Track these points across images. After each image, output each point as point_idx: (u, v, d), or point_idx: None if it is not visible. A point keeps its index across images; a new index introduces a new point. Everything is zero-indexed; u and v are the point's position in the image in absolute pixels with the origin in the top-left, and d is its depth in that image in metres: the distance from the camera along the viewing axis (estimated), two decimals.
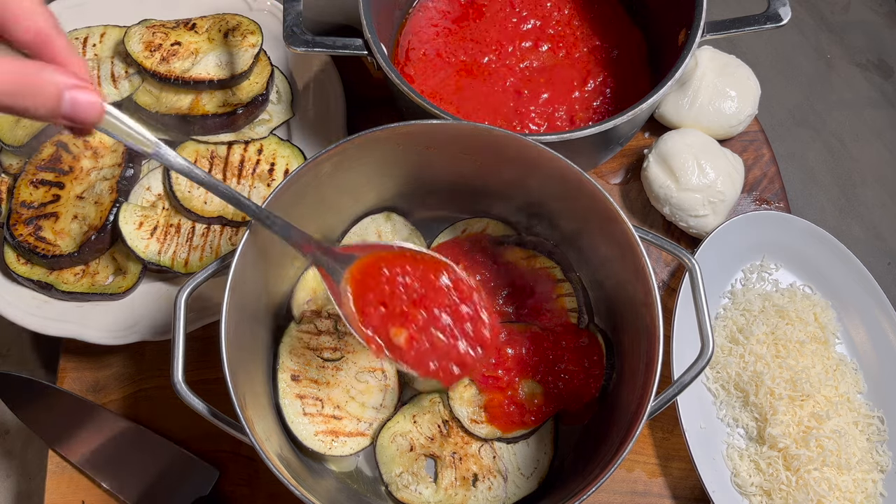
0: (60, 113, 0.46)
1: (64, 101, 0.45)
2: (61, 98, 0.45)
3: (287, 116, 1.07)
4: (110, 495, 0.94)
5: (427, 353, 0.75)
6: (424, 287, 0.77)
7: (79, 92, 0.46)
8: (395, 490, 0.86)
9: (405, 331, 0.75)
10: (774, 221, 1.06)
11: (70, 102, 0.45)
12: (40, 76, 0.44)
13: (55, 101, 0.45)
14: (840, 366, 1.00)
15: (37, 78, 0.44)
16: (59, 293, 0.95)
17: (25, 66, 0.44)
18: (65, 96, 0.45)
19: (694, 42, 0.90)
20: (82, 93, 0.46)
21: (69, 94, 0.45)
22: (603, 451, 0.78)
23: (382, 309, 0.75)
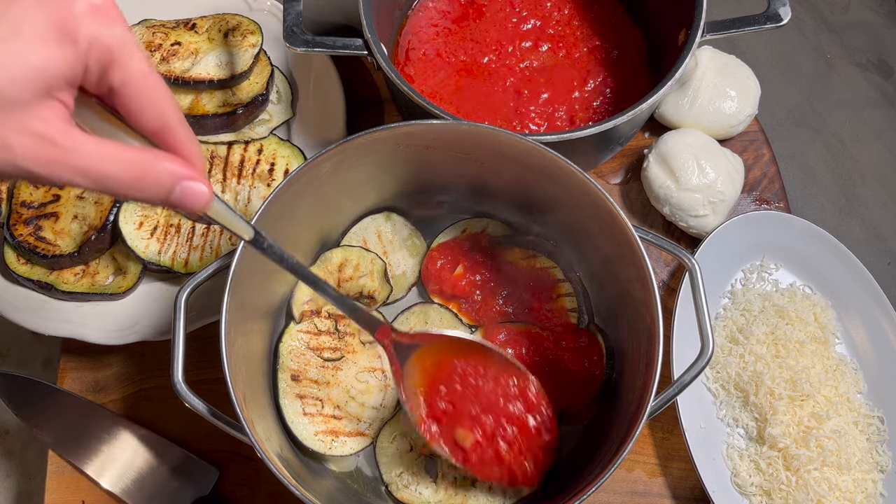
0: (170, 201, 0.48)
1: (174, 192, 0.48)
2: (173, 189, 0.48)
3: (287, 116, 1.07)
4: (110, 495, 0.94)
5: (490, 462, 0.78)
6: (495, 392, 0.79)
7: (189, 183, 0.48)
8: (395, 490, 0.86)
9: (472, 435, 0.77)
10: (774, 221, 1.06)
11: (180, 193, 0.48)
12: (156, 168, 0.47)
13: (167, 191, 0.48)
14: (840, 366, 1.00)
15: (152, 170, 0.46)
16: (59, 293, 0.95)
17: (143, 156, 0.46)
18: (175, 189, 0.48)
19: (694, 42, 0.90)
20: (192, 183, 0.49)
21: (180, 186, 0.48)
22: (603, 451, 0.78)
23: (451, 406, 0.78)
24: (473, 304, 0.95)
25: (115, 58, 0.44)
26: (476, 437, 0.78)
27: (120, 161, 0.45)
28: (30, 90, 0.41)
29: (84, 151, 0.43)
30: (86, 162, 0.43)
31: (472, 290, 0.95)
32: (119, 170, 0.45)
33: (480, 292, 0.95)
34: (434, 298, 0.96)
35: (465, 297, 0.95)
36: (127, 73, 0.45)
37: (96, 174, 0.44)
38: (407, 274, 0.97)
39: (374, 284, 0.94)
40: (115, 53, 0.43)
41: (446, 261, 0.95)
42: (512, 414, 0.79)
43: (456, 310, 0.95)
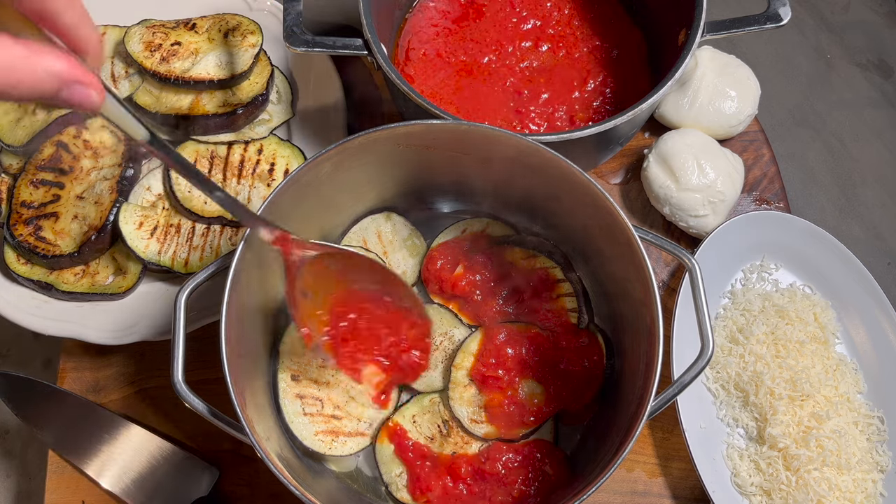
0: (57, 100, 0.45)
1: (61, 94, 0.44)
2: (57, 91, 0.44)
3: (287, 116, 1.07)
4: (110, 495, 0.94)
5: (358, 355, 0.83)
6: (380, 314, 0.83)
7: (77, 86, 0.44)
8: (395, 490, 0.86)
9: None
10: (774, 221, 1.06)
11: (67, 96, 0.45)
12: (34, 69, 0.42)
13: (51, 94, 0.44)
14: (840, 366, 1.00)
15: (29, 71, 0.42)
16: (59, 293, 0.95)
17: (18, 54, 0.42)
18: (62, 91, 0.44)
19: (694, 42, 0.90)
20: (80, 87, 0.45)
21: (67, 89, 0.44)
22: (603, 451, 0.78)
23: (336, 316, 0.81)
24: (473, 304, 0.95)
25: None
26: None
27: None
28: None
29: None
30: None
31: (472, 290, 0.95)
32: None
33: (480, 292, 0.95)
34: (434, 298, 0.96)
35: (465, 297, 0.95)
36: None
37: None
38: (407, 274, 0.97)
39: None
40: None
41: (446, 261, 0.95)
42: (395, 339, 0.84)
43: (456, 310, 0.95)
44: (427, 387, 0.91)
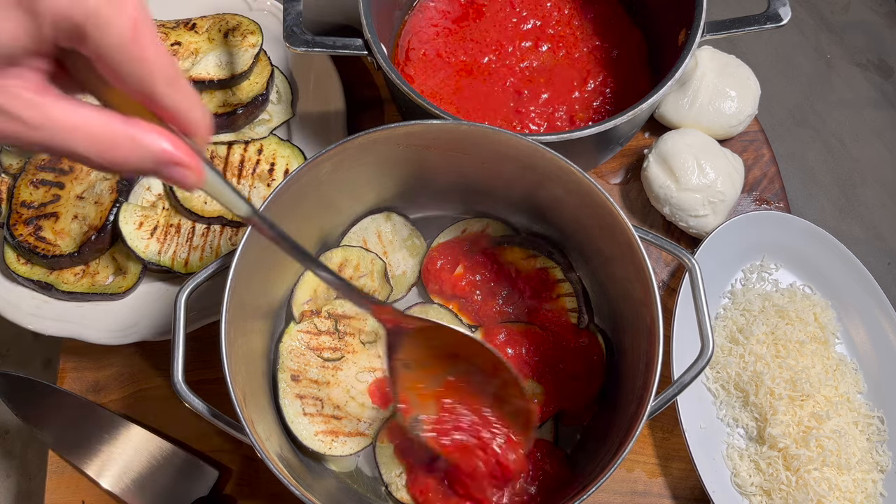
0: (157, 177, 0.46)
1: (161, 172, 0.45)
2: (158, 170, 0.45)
3: (287, 116, 1.07)
4: (110, 495, 0.94)
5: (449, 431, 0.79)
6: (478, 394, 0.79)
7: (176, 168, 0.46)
8: (395, 490, 0.86)
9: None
10: (774, 221, 1.06)
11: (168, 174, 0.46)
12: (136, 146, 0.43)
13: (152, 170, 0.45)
14: (840, 366, 1.00)
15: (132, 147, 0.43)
16: (59, 293, 0.95)
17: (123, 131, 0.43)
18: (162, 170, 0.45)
19: (694, 42, 0.90)
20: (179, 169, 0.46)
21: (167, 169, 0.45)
22: (603, 451, 0.78)
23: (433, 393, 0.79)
24: (473, 304, 0.95)
25: (85, 32, 0.40)
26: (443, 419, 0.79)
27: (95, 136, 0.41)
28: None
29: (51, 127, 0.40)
30: (52, 137, 0.40)
31: (472, 290, 0.95)
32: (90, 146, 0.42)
33: (480, 292, 0.95)
34: (434, 298, 0.96)
35: (465, 297, 0.95)
36: (98, 46, 0.41)
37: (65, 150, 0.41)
38: (407, 274, 0.97)
39: (374, 284, 0.94)
40: (85, 27, 0.40)
41: (446, 261, 0.95)
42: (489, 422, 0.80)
43: (456, 310, 0.95)
44: None
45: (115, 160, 0.43)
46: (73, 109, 0.41)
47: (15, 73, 0.40)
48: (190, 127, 0.47)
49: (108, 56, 0.41)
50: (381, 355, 0.90)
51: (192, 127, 0.47)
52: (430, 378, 0.79)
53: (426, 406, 0.79)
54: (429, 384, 0.79)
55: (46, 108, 0.40)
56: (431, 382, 0.79)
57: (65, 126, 0.41)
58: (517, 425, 0.79)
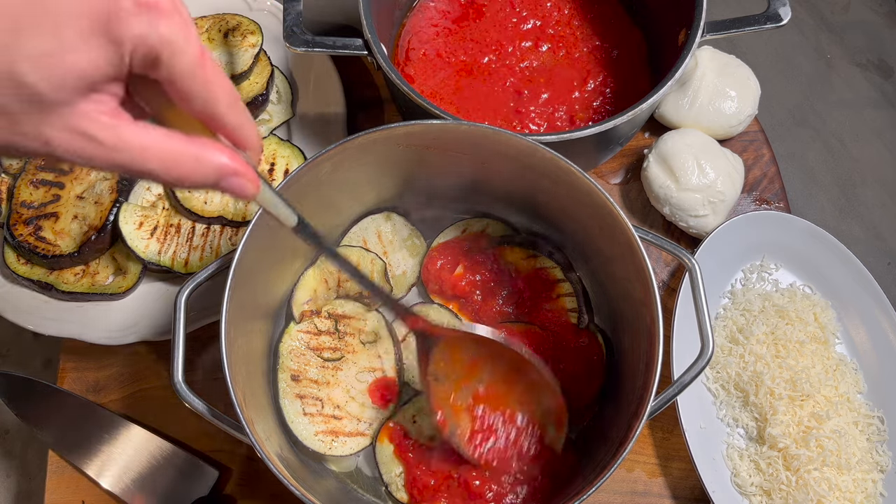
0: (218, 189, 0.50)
1: (221, 184, 0.49)
2: (219, 182, 0.49)
3: (287, 116, 1.07)
4: (110, 495, 0.94)
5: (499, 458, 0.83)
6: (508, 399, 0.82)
7: (234, 179, 0.49)
8: (395, 490, 0.86)
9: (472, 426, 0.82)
10: (774, 221, 1.06)
11: (227, 186, 0.50)
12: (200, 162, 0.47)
13: (213, 182, 0.49)
14: (840, 366, 1.00)
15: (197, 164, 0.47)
16: (59, 293, 0.95)
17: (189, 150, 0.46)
18: (221, 181, 0.49)
19: (694, 42, 0.90)
20: (237, 179, 0.50)
21: (226, 181, 0.49)
22: (603, 451, 0.78)
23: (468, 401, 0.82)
24: (473, 304, 0.95)
25: (160, 56, 0.43)
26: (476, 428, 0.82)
27: (162, 157, 0.45)
28: (69, 90, 0.40)
29: (124, 148, 0.43)
30: (126, 158, 0.44)
31: (472, 290, 0.95)
32: (161, 165, 0.45)
33: (480, 292, 0.95)
34: (434, 298, 0.96)
35: (465, 297, 0.95)
36: (173, 71, 0.44)
37: (137, 170, 0.44)
38: (407, 274, 0.97)
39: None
40: (161, 52, 0.43)
41: (446, 261, 0.95)
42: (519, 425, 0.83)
43: (456, 310, 0.95)
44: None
45: (182, 175, 0.46)
46: (143, 132, 0.45)
47: (95, 98, 0.42)
48: (245, 143, 0.51)
49: (180, 80, 0.45)
50: (381, 355, 0.91)
51: (247, 143, 0.52)
52: (462, 389, 0.81)
53: (460, 418, 0.81)
54: (460, 396, 0.81)
55: (121, 131, 0.43)
56: (463, 394, 0.81)
57: (137, 147, 0.44)
58: (550, 422, 0.82)
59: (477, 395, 0.82)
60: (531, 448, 0.83)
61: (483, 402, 0.82)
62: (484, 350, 0.79)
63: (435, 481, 0.85)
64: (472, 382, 0.82)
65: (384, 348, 0.91)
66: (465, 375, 0.81)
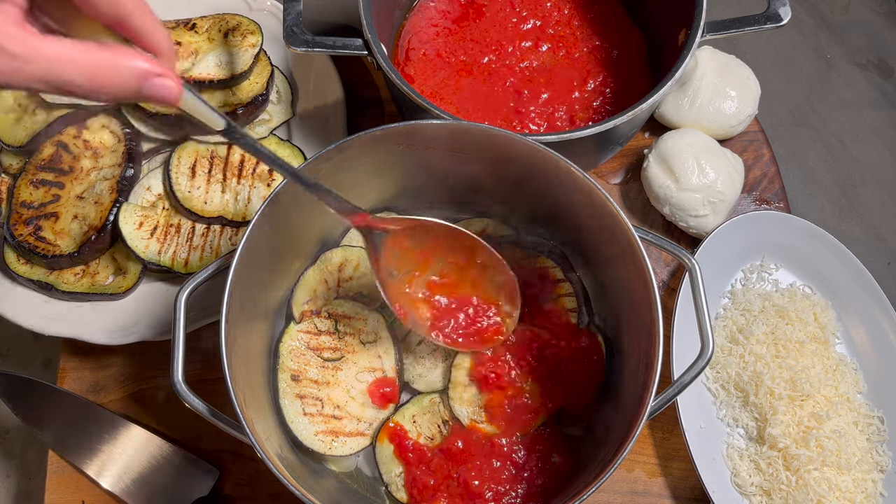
0: (141, 97, 0.48)
1: (143, 89, 0.47)
2: (141, 86, 0.47)
3: (287, 116, 1.07)
4: (110, 495, 0.94)
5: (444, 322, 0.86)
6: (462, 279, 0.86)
7: (157, 79, 0.47)
8: (395, 490, 0.86)
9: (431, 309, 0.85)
10: (774, 221, 1.06)
11: (148, 89, 0.47)
12: (118, 67, 0.45)
13: (134, 89, 0.47)
14: (840, 366, 1.00)
15: (114, 70, 0.45)
16: (59, 293, 0.95)
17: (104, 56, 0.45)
18: (143, 85, 0.47)
19: (694, 42, 0.90)
20: (160, 80, 0.48)
21: (148, 83, 0.47)
22: (603, 451, 0.78)
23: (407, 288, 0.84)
24: None
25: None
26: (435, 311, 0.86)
27: (78, 64, 0.43)
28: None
29: (38, 58, 0.42)
30: (41, 69, 0.42)
31: None
32: (79, 73, 0.43)
33: None
34: None
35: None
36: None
37: (55, 80, 0.43)
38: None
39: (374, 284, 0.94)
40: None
41: None
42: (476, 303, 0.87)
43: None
44: (427, 387, 0.91)
45: (103, 83, 0.44)
46: (54, 42, 0.43)
47: None
48: (156, 46, 0.49)
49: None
50: (381, 355, 0.91)
51: (158, 46, 0.50)
52: (416, 281, 0.84)
53: (419, 308, 0.85)
54: (415, 288, 0.84)
55: (31, 41, 0.42)
56: (417, 285, 0.84)
57: (54, 57, 0.42)
58: (504, 298, 0.86)
59: (431, 284, 0.85)
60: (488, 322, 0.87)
61: (438, 290, 0.85)
62: (431, 238, 0.81)
63: (434, 481, 0.85)
64: (425, 273, 0.84)
65: (384, 348, 0.91)
66: (417, 266, 0.84)
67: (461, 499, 0.84)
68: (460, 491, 0.84)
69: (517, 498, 0.85)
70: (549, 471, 0.86)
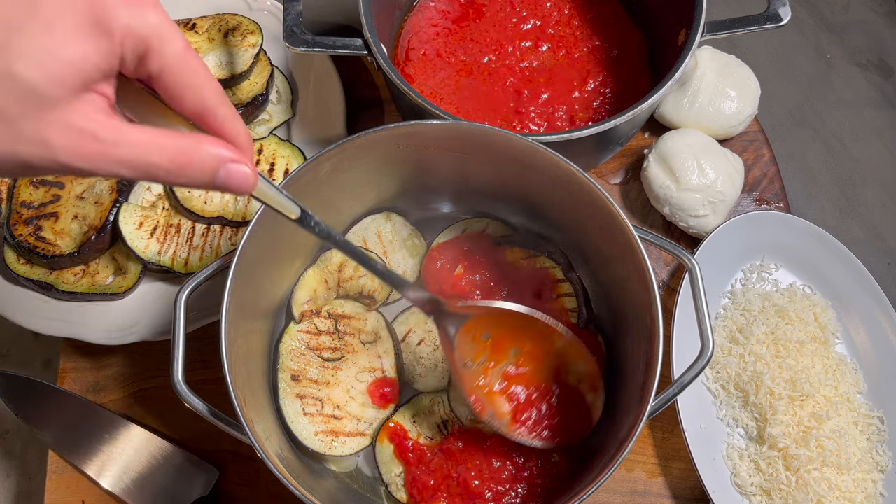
0: (216, 185, 0.48)
1: (219, 176, 0.48)
2: (217, 173, 0.48)
3: (287, 116, 1.07)
4: (110, 495, 0.94)
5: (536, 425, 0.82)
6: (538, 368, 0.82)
7: (233, 166, 0.48)
8: (395, 490, 0.86)
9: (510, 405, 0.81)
10: (774, 221, 1.06)
11: (225, 176, 0.48)
12: (199, 152, 0.46)
13: (211, 175, 0.48)
14: (840, 366, 1.00)
15: (196, 155, 0.46)
16: (59, 293, 0.95)
17: (186, 141, 0.46)
18: (220, 173, 0.48)
19: (694, 42, 0.90)
20: (236, 166, 0.48)
21: (224, 169, 0.48)
22: (603, 451, 0.78)
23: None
24: None
25: (150, 45, 0.43)
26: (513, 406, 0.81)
27: (163, 149, 0.45)
28: (67, 86, 0.40)
29: (126, 143, 0.43)
30: (128, 153, 0.43)
31: (472, 290, 0.95)
32: (162, 158, 0.45)
33: (480, 292, 0.95)
34: None
35: (465, 297, 0.95)
36: (163, 60, 0.44)
37: (140, 164, 0.44)
38: (407, 274, 0.97)
39: (373, 284, 0.94)
40: (151, 41, 0.43)
41: (446, 261, 0.95)
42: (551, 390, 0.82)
43: None
44: (427, 387, 0.91)
45: (184, 165, 0.46)
46: (139, 128, 0.44)
47: (89, 98, 0.43)
48: (236, 138, 0.51)
49: (170, 70, 0.45)
50: (381, 355, 0.91)
51: (238, 138, 0.51)
52: (491, 372, 0.80)
53: (495, 400, 0.81)
54: (490, 379, 0.80)
55: (121, 127, 0.43)
56: (493, 376, 0.81)
57: (140, 142, 0.44)
58: (586, 387, 0.82)
59: (507, 375, 0.81)
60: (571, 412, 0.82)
61: (516, 381, 0.81)
62: (507, 325, 0.78)
63: (434, 481, 0.85)
64: (502, 362, 0.81)
65: (384, 348, 0.91)
66: (493, 355, 0.80)
67: (461, 499, 0.84)
68: (460, 491, 0.84)
69: (517, 498, 0.85)
70: (549, 471, 0.86)
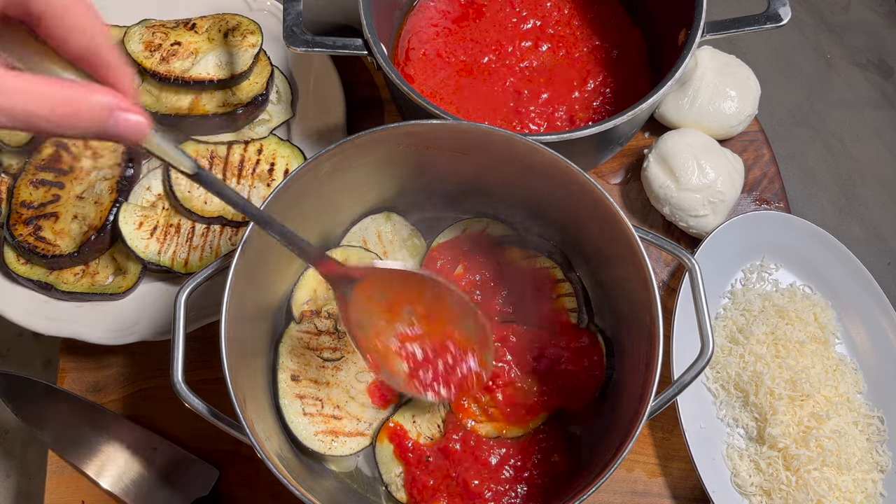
0: (106, 134, 0.47)
1: (108, 125, 0.46)
2: (107, 121, 0.46)
3: (287, 116, 1.07)
4: (110, 495, 0.94)
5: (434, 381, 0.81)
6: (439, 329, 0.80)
7: (123, 114, 0.46)
8: (395, 490, 0.86)
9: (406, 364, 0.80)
10: (774, 221, 1.06)
11: (114, 125, 0.46)
12: (87, 101, 0.45)
13: (101, 123, 0.46)
14: (840, 366, 1.00)
15: (83, 104, 0.44)
16: (59, 293, 0.95)
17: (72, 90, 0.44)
18: (109, 120, 0.46)
19: (694, 42, 0.90)
20: (127, 114, 0.47)
21: (113, 118, 0.46)
22: (603, 451, 0.78)
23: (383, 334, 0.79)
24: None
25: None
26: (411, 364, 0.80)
27: (45, 97, 0.42)
28: None
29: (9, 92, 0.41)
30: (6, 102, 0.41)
31: (472, 290, 0.95)
32: (45, 107, 0.42)
33: (480, 292, 0.95)
34: None
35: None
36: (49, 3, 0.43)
37: (20, 114, 0.42)
38: None
39: None
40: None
41: (446, 261, 0.95)
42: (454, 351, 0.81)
43: None
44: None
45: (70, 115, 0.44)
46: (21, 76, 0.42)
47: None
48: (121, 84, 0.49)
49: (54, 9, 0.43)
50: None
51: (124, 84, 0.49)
52: (385, 332, 0.79)
53: (391, 359, 0.80)
54: (385, 338, 0.79)
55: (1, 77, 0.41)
56: (387, 336, 0.79)
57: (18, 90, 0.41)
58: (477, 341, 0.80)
59: (402, 335, 0.80)
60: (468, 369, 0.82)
61: (411, 340, 0.80)
62: (400, 286, 0.77)
63: (434, 481, 0.85)
64: (393, 325, 0.79)
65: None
66: (388, 316, 0.79)
67: (461, 499, 0.84)
68: (460, 491, 0.84)
69: (517, 498, 0.85)
70: (549, 471, 0.86)
